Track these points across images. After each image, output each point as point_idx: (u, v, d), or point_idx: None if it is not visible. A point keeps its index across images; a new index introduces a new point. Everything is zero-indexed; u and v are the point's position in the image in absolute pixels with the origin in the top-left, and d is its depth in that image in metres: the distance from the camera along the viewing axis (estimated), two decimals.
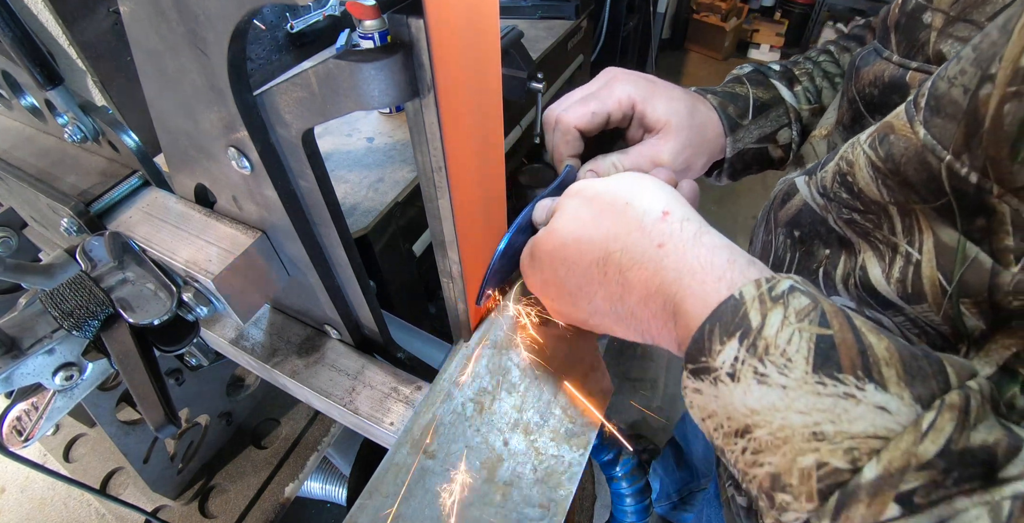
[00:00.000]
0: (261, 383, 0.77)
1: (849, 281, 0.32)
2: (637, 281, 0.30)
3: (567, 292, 0.34)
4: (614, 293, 0.31)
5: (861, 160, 0.30)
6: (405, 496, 0.35)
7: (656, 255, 0.29)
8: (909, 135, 0.26)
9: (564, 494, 0.36)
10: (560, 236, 0.34)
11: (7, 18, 0.34)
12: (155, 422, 0.35)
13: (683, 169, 0.45)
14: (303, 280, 0.41)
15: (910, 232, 0.28)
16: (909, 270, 0.28)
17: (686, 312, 0.27)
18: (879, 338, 0.22)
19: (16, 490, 0.78)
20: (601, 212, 0.32)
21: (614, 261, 0.31)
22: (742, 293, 0.25)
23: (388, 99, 0.25)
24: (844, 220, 0.32)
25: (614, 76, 0.46)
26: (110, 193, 0.42)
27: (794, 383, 0.22)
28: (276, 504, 0.70)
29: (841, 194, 0.32)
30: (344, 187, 0.80)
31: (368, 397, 0.44)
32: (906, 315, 0.29)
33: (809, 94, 0.50)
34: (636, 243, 0.30)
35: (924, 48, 0.32)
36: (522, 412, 0.40)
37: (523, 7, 1.29)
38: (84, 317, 0.34)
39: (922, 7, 0.32)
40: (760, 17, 3.09)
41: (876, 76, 0.36)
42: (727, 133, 0.47)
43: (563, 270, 0.34)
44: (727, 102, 0.47)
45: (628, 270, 0.30)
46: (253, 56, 1.01)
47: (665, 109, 0.44)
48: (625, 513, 0.48)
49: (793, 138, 0.49)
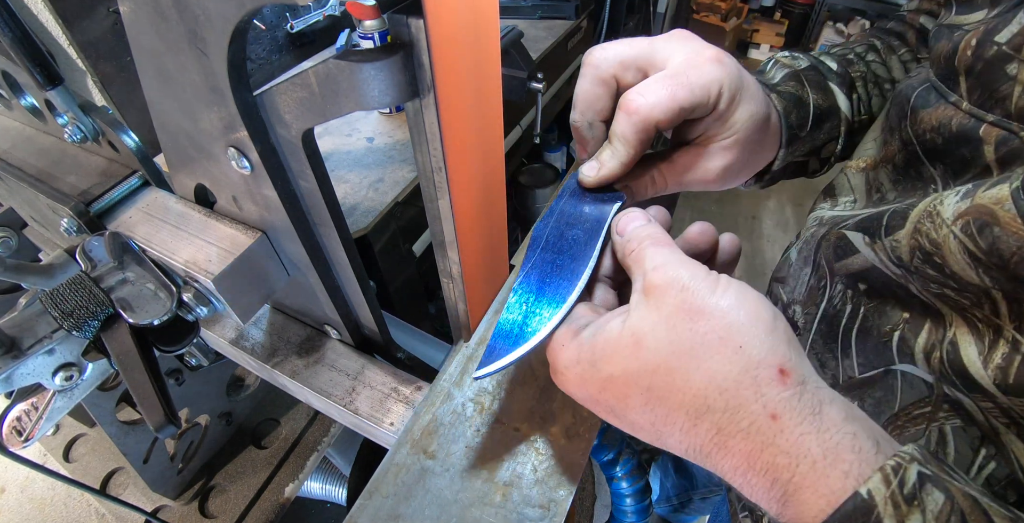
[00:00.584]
0: (261, 383, 0.77)
1: (933, 355, 0.29)
2: (738, 451, 0.24)
3: (631, 422, 0.28)
4: (700, 448, 0.26)
5: (951, 244, 0.26)
6: (405, 496, 0.35)
7: (768, 429, 0.24)
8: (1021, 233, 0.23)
9: (564, 494, 0.36)
10: (649, 358, 0.26)
11: (7, 18, 0.34)
12: (155, 422, 0.35)
13: (730, 181, 0.38)
14: (303, 280, 0.41)
15: (1019, 318, 0.25)
16: (1015, 359, 0.25)
17: (800, 502, 0.23)
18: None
19: (16, 490, 0.78)
20: (707, 347, 0.25)
21: (713, 418, 0.25)
22: (871, 492, 0.21)
23: (388, 99, 0.25)
24: (933, 293, 0.29)
25: (699, 51, 0.33)
26: (110, 193, 0.42)
27: None
28: (276, 504, 0.70)
29: (927, 271, 0.28)
30: (344, 187, 0.80)
31: (368, 397, 0.44)
32: (998, 404, 0.27)
33: (862, 103, 0.44)
34: (745, 406, 0.24)
35: (1005, 102, 0.28)
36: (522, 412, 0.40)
37: (523, 7, 1.29)
38: (84, 317, 0.34)
39: (1007, 56, 0.28)
40: (760, 17, 3.09)
41: (940, 122, 0.31)
42: (783, 145, 0.40)
43: (639, 400, 0.27)
44: (791, 108, 0.40)
45: (729, 436, 0.24)
46: (253, 56, 1.01)
47: (748, 115, 0.34)
48: (625, 513, 0.48)
49: (836, 152, 0.44)
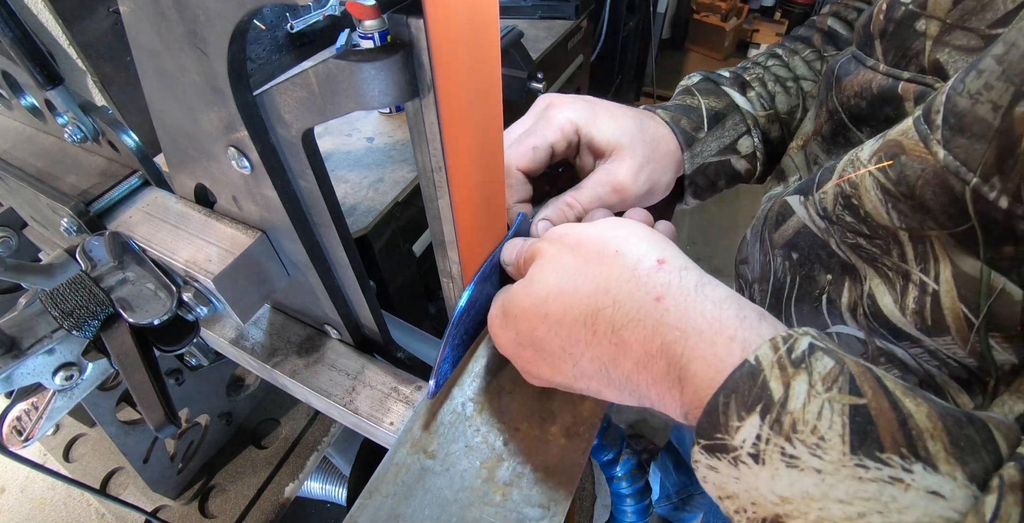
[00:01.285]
0: (261, 383, 0.77)
1: (857, 310, 0.30)
2: (634, 341, 0.26)
3: (548, 354, 0.30)
4: (605, 355, 0.27)
5: (868, 182, 0.27)
6: (405, 496, 0.35)
7: (655, 310, 0.25)
8: (925, 156, 0.24)
9: (564, 494, 0.36)
10: (540, 289, 0.29)
11: (7, 18, 0.34)
12: (155, 422, 0.35)
13: (647, 191, 0.41)
14: (303, 280, 0.41)
15: (924, 259, 0.26)
16: (927, 300, 0.26)
17: (693, 377, 0.24)
18: (917, 403, 0.20)
19: (16, 490, 0.78)
20: (587, 261, 0.28)
21: (605, 318, 0.27)
22: (758, 358, 0.22)
23: (388, 99, 0.25)
24: (848, 245, 0.30)
25: (550, 103, 0.42)
26: (110, 193, 0.42)
27: (831, 467, 0.19)
28: (276, 504, 0.70)
29: (845, 217, 0.30)
30: (344, 187, 0.80)
31: (368, 397, 0.44)
32: (924, 347, 0.27)
33: (763, 100, 0.47)
34: (630, 296, 0.26)
35: (918, 58, 0.30)
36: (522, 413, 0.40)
37: (523, 7, 1.29)
38: (84, 317, 0.34)
39: (914, 14, 0.30)
40: (760, 17, 3.09)
41: (862, 87, 0.33)
42: (683, 148, 0.43)
43: (543, 329, 0.29)
44: (679, 115, 0.44)
45: (622, 328, 0.26)
46: (253, 56, 1.01)
47: (612, 128, 0.40)
48: (625, 513, 0.48)
49: (756, 146, 0.46)
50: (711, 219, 2.24)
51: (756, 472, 0.21)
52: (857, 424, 0.20)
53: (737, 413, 0.21)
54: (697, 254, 2.13)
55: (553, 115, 0.40)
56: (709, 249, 2.15)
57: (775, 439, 0.20)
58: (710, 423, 0.22)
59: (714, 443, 0.22)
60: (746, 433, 0.21)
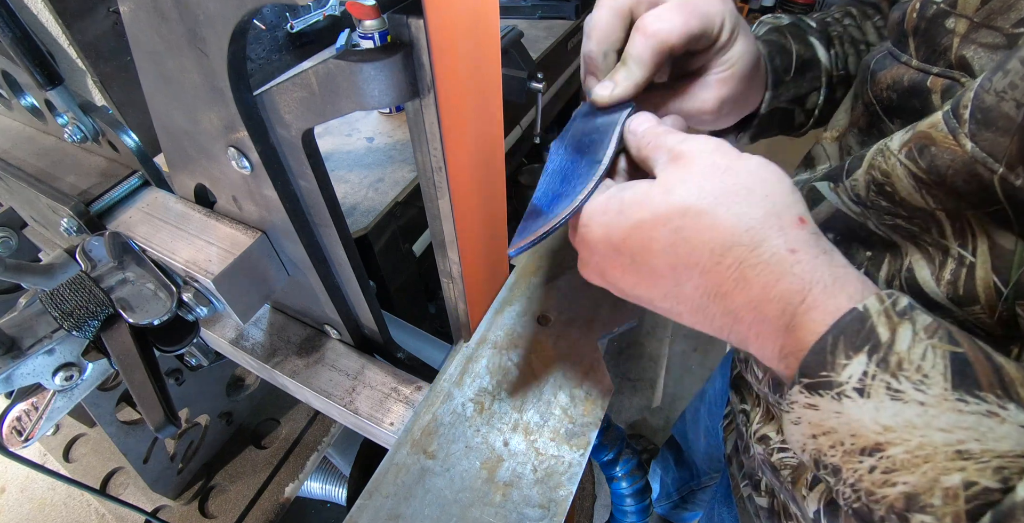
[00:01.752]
0: (261, 383, 0.77)
1: (894, 282, 0.32)
2: (756, 281, 0.26)
3: (648, 267, 0.29)
4: (719, 286, 0.27)
5: (899, 171, 0.29)
6: (405, 496, 0.35)
7: (787, 259, 0.26)
8: (954, 148, 0.26)
9: (564, 494, 0.36)
10: (679, 202, 0.28)
11: (7, 18, 0.34)
12: (155, 422, 0.35)
13: (726, 116, 0.40)
14: (303, 280, 0.41)
15: (962, 235, 0.28)
16: (962, 272, 0.28)
17: (807, 323, 0.25)
18: (1006, 360, 0.22)
19: (16, 490, 0.78)
20: (736, 194, 0.28)
21: (736, 254, 0.27)
22: (866, 306, 0.24)
23: (388, 99, 0.25)
24: (887, 225, 0.32)
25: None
26: (110, 193, 0.42)
27: (933, 400, 0.21)
28: (276, 504, 0.70)
29: (880, 202, 0.31)
30: (344, 187, 0.80)
31: (368, 397, 0.44)
32: (955, 317, 0.29)
33: (839, 59, 0.47)
34: (768, 240, 0.26)
35: (946, 54, 0.32)
36: (522, 412, 0.40)
37: (523, 7, 1.29)
38: (84, 317, 0.34)
39: (945, 13, 0.32)
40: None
41: (895, 80, 0.35)
42: (769, 87, 0.43)
43: (664, 242, 0.28)
44: (775, 53, 0.43)
45: (751, 267, 0.26)
46: (253, 56, 1.01)
47: (744, 49, 0.37)
48: (625, 513, 0.48)
49: (819, 104, 0.47)
50: None
51: (860, 405, 0.23)
52: (957, 366, 0.22)
53: (845, 352, 0.23)
54: None
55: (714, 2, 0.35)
56: None
57: (881, 375, 0.22)
58: (816, 362, 0.24)
59: (818, 381, 0.24)
60: (852, 370, 0.23)
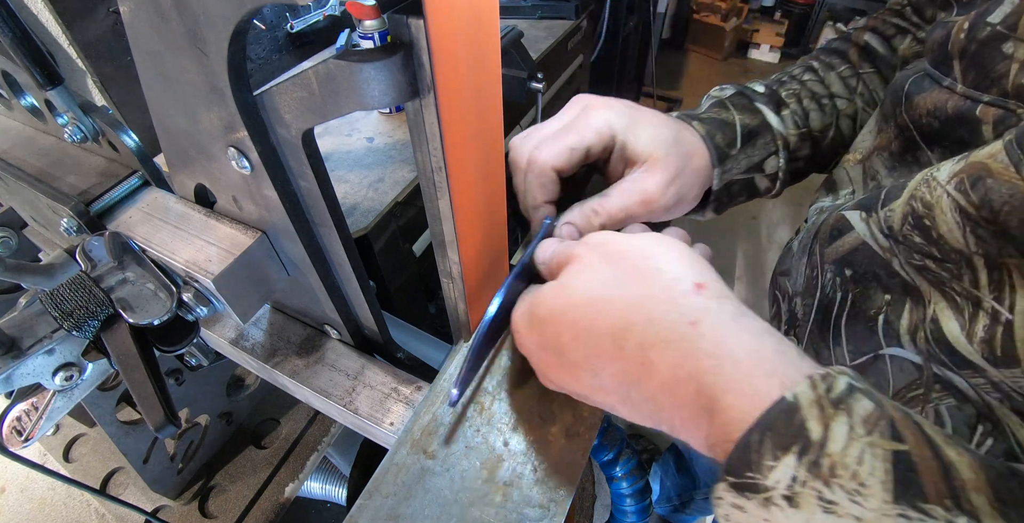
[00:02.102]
0: (261, 383, 0.77)
1: (918, 334, 0.29)
2: (662, 363, 0.25)
3: (569, 362, 0.29)
4: (630, 372, 0.26)
5: (944, 203, 0.27)
6: (405, 496, 0.35)
7: (688, 334, 0.24)
8: (1015, 181, 0.24)
9: (564, 494, 0.36)
10: (571, 294, 0.29)
11: (7, 18, 0.34)
12: (155, 422, 0.35)
13: (675, 203, 0.41)
14: (303, 280, 0.41)
15: (998, 288, 0.26)
16: (998, 330, 0.25)
17: (727, 410, 0.22)
18: (959, 453, 0.19)
19: (16, 490, 0.78)
20: (624, 274, 0.28)
21: (635, 334, 0.26)
22: (796, 395, 0.21)
23: (388, 99, 0.25)
24: (914, 266, 0.30)
25: (588, 104, 0.40)
26: (110, 193, 0.42)
27: (871, 515, 0.19)
28: (276, 504, 0.70)
29: (914, 238, 0.29)
30: (344, 187, 0.80)
31: (368, 397, 0.44)
32: (988, 378, 0.27)
33: (797, 117, 0.46)
34: (664, 316, 0.25)
35: (1001, 81, 0.29)
36: (522, 412, 0.40)
37: (523, 7, 1.29)
38: (84, 317, 0.34)
39: (1001, 36, 0.29)
40: (760, 17, 3.09)
41: (936, 106, 0.32)
42: (715, 164, 0.43)
43: (568, 335, 0.28)
44: (714, 130, 0.43)
45: (652, 348, 0.25)
46: (253, 56, 1.01)
47: (650, 138, 0.39)
48: (625, 513, 0.48)
49: (780, 166, 0.46)
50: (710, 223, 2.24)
51: (789, 516, 0.20)
52: (900, 472, 0.19)
53: (772, 452, 0.20)
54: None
55: (592, 116, 0.39)
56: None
57: (812, 482, 0.20)
58: (742, 461, 0.21)
59: (744, 482, 0.21)
60: (781, 474, 0.20)
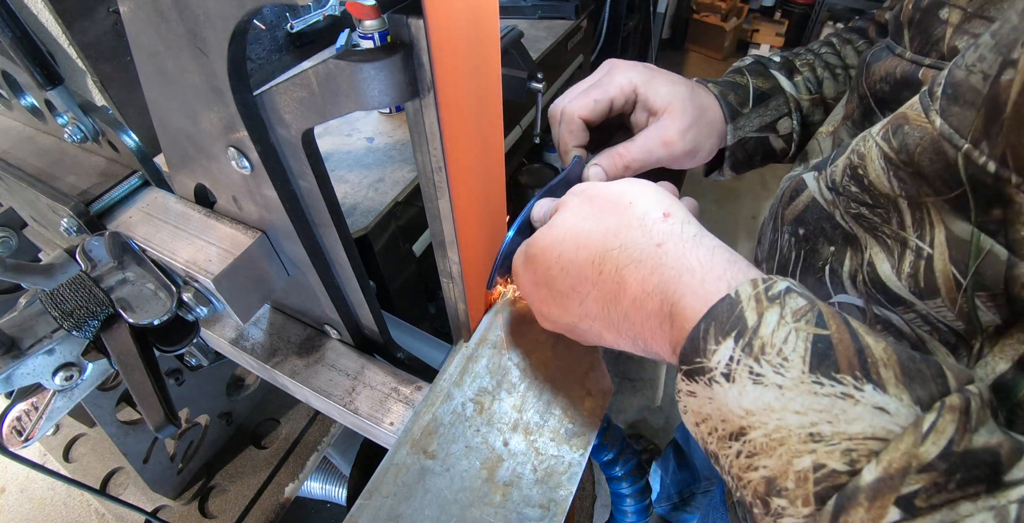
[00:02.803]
0: (261, 383, 0.77)
1: (857, 278, 0.32)
2: (633, 279, 0.29)
3: (558, 292, 0.33)
4: (608, 293, 0.30)
5: (873, 152, 0.29)
6: (405, 496, 0.35)
7: (655, 253, 0.28)
8: (924, 125, 0.26)
9: (564, 494, 0.36)
10: (557, 232, 0.33)
11: (7, 18, 0.34)
12: (155, 422, 0.35)
13: (691, 149, 0.45)
14: (303, 280, 0.41)
15: (920, 226, 0.28)
16: (920, 264, 0.28)
17: (683, 311, 0.26)
18: (876, 340, 0.22)
19: (16, 490, 0.78)
20: (602, 210, 0.32)
21: (611, 259, 0.30)
22: (738, 292, 0.25)
23: (388, 99, 0.25)
24: (852, 215, 0.32)
25: (614, 65, 0.46)
26: (110, 193, 0.42)
27: (790, 382, 0.22)
28: (276, 504, 0.70)
29: (851, 188, 0.31)
30: (344, 187, 0.80)
31: (368, 397, 0.44)
32: (917, 311, 0.29)
33: (809, 84, 0.50)
34: (635, 241, 0.29)
35: (938, 44, 0.32)
36: (522, 412, 0.40)
37: (523, 7, 1.29)
38: (84, 317, 0.34)
39: (938, 3, 0.32)
40: (760, 17, 3.09)
41: (887, 72, 0.36)
42: (727, 120, 0.47)
43: (556, 268, 0.32)
44: (727, 90, 0.48)
45: (624, 268, 0.29)
46: (253, 56, 1.01)
47: (667, 91, 0.44)
48: (625, 513, 0.48)
49: (794, 128, 0.49)
50: (711, 220, 2.24)
51: (726, 390, 0.23)
52: (818, 349, 0.22)
53: (715, 338, 0.24)
54: None
55: (615, 74, 0.45)
56: None
57: (745, 360, 0.23)
58: (691, 348, 0.25)
59: (693, 367, 0.25)
60: (720, 355, 0.23)
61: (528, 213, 0.40)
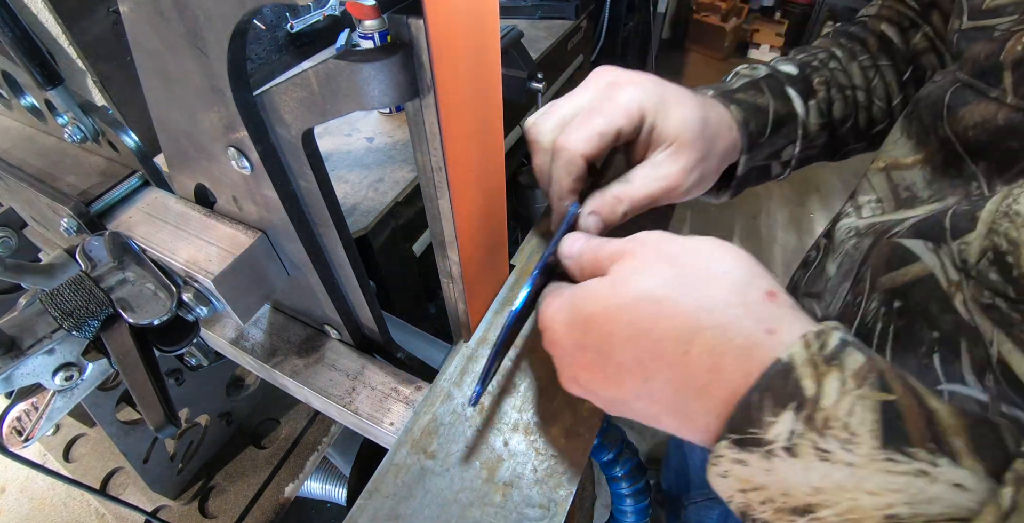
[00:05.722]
0: (261, 383, 0.77)
1: (986, 374, 0.29)
2: (736, 371, 0.24)
3: (615, 363, 0.27)
4: (691, 378, 0.25)
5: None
6: (405, 496, 0.35)
7: (767, 342, 0.23)
8: None
9: (564, 494, 0.36)
10: (630, 291, 0.26)
11: (7, 18, 0.34)
12: (155, 422, 0.35)
13: (696, 186, 0.39)
14: (303, 280, 0.41)
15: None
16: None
17: None
18: (940, 402, 0.20)
19: (16, 490, 0.78)
20: (692, 275, 0.26)
21: (703, 340, 0.24)
22: (791, 355, 0.22)
23: (388, 99, 0.25)
24: (981, 305, 0.28)
25: (614, 80, 0.38)
26: (110, 193, 0.42)
27: (861, 460, 0.20)
28: (276, 504, 0.70)
29: (989, 275, 0.27)
30: (344, 187, 0.80)
31: (368, 397, 0.44)
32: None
33: (823, 106, 0.45)
34: (738, 322, 0.24)
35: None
36: (522, 412, 0.40)
37: (523, 7, 1.29)
38: (84, 317, 0.34)
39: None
40: (760, 17, 3.09)
41: (984, 118, 0.31)
42: (744, 151, 0.42)
43: (623, 335, 0.26)
44: (750, 117, 0.42)
45: (724, 354, 0.24)
46: (253, 56, 1.01)
47: (679, 120, 0.37)
48: (625, 513, 0.48)
49: (794, 155, 0.46)
50: (711, 220, 2.24)
51: (790, 464, 0.21)
52: (887, 420, 0.20)
53: (772, 409, 0.22)
54: None
55: (620, 95, 0.36)
56: None
57: (808, 434, 0.21)
58: (744, 418, 0.23)
59: (746, 437, 0.23)
60: (780, 428, 0.22)
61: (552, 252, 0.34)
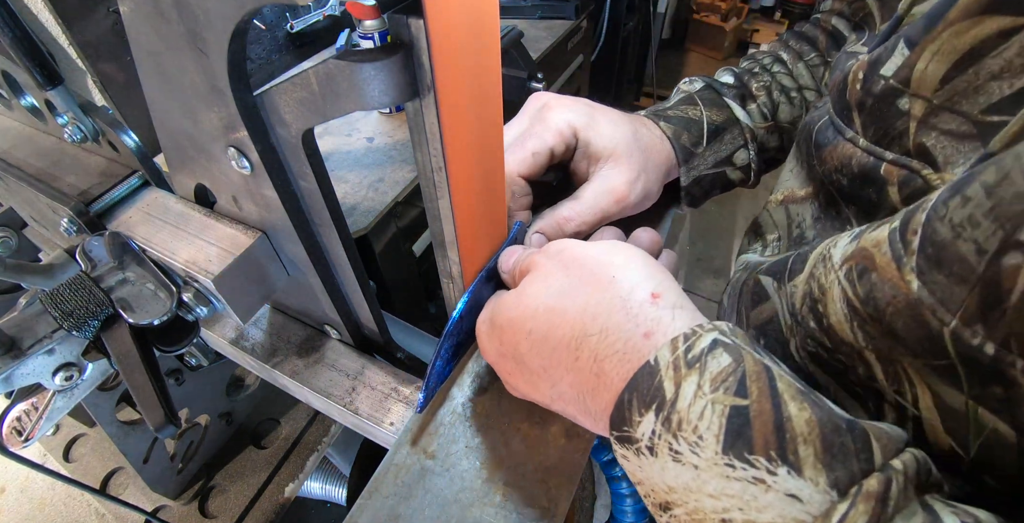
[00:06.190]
0: (261, 383, 0.77)
1: None
2: (615, 375, 0.25)
3: (528, 370, 0.29)
4: (585, 383, 0.26)
5: (835, 291, 0.24)
6: (405, 496, 0.35)
7: (642, 347, 0.25)
8: (898, 283, 0.21)
9: (564, 494, 0.36)
10: (529, 303, 0.29)
11: (7, 18, 0.34)
12: (155, 422, 0.35)
13: (642, 199, 0.41)
14: (303, 280, 0.41)
15: (897, 381, 0.24)
16: (908, 425, 0.24)
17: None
18: (801, 407, 0.20)
19: (16, 490, 0.78)
20: (580, 282, 0.27)
21: (589, 346, 0.26)
22: (657, 359, 0.23)
23: (388, 99, 0.25)
24: (808, 352, 0.28)
25: (545, 104, 0.40)
26: (110, 193, 0.42)
27: (705, 464, 0.21)
28: (276, 504, 0.70)
29: (809, 322, 0.27)
30: (344, 187, 0.80)
31: (368, 397, 0.44)
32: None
33: (765, 110, 0.46)
34: (619, 327, 0.25)
35: (901, 139, 0.27)
36: (522, 412, 0.40)
37: (523, 7, 1.29)
38: (84, 317, 0.34)
39: (896, 91, 0.26)
40: (760, 17, 3.09)
41: (842, 162, 0.30)
42: (681, 163, 0.43)
43: (526, 345, 0.29)
44: (680, 130, 0.43)
45: (605, 359, 0.25)
46: (253, 56, 1.01)
47: (610, 134, 0.39)
48: (625, 513, 0.48)
49: (751, 158, 0.46)
50: (711, 220, 2.24)
51: (651, 463, 0.23)
52: (733, 426, 0.21)
53: (638, 409, 0.23)
54: (697, 255, 2.13)
55: (550, 117, 0.39)
56: (709, 250, 2.14)
57: (665, 435, 0.22)
58: (620, 417, 0.24)
59: (622, 435, 0.24)
60: (644, 428, 0.23)
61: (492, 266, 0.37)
